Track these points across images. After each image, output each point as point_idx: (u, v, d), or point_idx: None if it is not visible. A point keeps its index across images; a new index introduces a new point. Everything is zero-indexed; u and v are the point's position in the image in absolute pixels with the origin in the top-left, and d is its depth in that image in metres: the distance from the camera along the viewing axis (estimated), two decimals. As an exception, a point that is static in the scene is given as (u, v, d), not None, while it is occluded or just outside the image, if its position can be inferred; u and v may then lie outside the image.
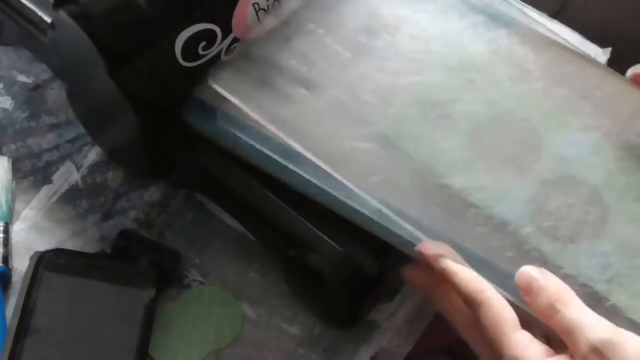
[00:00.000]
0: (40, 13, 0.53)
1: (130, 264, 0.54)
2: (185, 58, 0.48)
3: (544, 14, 0.70)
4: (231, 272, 0.56)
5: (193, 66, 0.49)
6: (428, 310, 0.56)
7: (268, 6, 0.51)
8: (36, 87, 0.62)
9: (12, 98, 0.62)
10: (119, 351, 0.50)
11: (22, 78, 0.62)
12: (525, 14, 0.53)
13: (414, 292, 0.55)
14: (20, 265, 0.54)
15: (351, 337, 0.54)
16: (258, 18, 0.51)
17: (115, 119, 0.51)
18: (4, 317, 0.52)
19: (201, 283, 0.55)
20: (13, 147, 0.59)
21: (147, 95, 0.48)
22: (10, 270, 0.54)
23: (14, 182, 0.58)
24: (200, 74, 0.50)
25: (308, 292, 0.52)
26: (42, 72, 0.62)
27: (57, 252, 0.53)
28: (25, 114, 0.61)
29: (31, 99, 0.62)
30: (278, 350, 0.53)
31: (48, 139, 0.60)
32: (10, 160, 0.58)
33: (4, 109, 0.61)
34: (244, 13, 0.50)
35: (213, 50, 0.49)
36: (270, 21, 0.52)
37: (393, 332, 0.54)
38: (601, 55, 0.67)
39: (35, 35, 0.53)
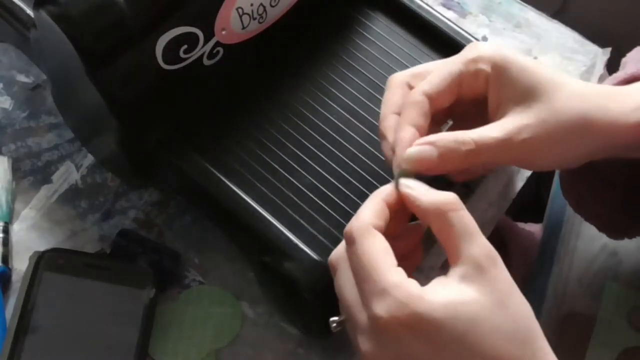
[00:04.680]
0: (28, 11, 0.52)
1: (130, 264, 0.54)
2: (166, 61, 0.48)
3: (544, 14, 0.70)
4: (231, 272, 0.56)
5: (174, 69, 0.48)
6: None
7: (252, 11, 0.50)
8: (36, 87, 0.62)
9: (12, 98, 0.62)
10: (118, 351, 0.50)
11: (21, 78, 0.62)
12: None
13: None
14: (20, 265, 0.54)
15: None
16: (242, 23, 0.50)
17: (97, 121, 0.51)
18: (3, 317, 0.52)
19: (201, 283, 0.55)
20: (13, 147, 0.59)
21: (126, 97, 0.48)
22: (10, 270, 0.54)
23: (14, 182, 0.58)
24: (182, 78, 0.49)
25: (282, 299, 0.52)
26: (42, 72, 0.62)
27: (56, 252, 0.53)
28: (25, 114, 0.61)
29: (31, 98, 0.62)
30: (278, 350, 0.53)
31: (48, 139, 0.60)
32: (10, 160, 0.58)
33: (4, 109, 0.61)
34: (227, 17, 0.49)
35: (195, 54, 0.49)
36: (254, 26, 0.51)
37: (393, 332, 0.54)
38: (601, 55, 0.67)
39: (25, 35, 0.53)
